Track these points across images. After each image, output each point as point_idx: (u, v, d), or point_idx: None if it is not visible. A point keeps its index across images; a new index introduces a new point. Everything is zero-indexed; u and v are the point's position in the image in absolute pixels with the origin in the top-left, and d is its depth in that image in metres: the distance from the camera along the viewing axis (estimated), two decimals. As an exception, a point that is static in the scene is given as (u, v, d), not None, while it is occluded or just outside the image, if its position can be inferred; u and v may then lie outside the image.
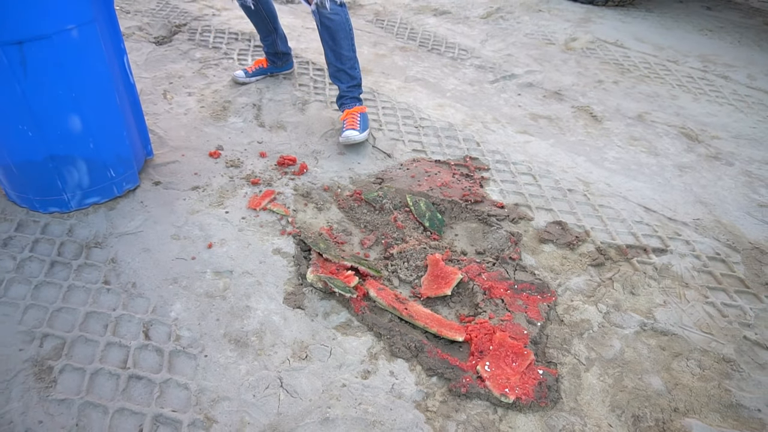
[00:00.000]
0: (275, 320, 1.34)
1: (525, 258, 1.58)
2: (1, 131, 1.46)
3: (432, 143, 2.11)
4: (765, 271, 1.56)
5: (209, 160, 1.94)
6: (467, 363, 1.26)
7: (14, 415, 1.11)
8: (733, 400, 1.21)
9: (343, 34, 1.94)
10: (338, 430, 1.11)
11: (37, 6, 1.30)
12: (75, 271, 1.45)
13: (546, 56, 2.92)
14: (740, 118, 2.36)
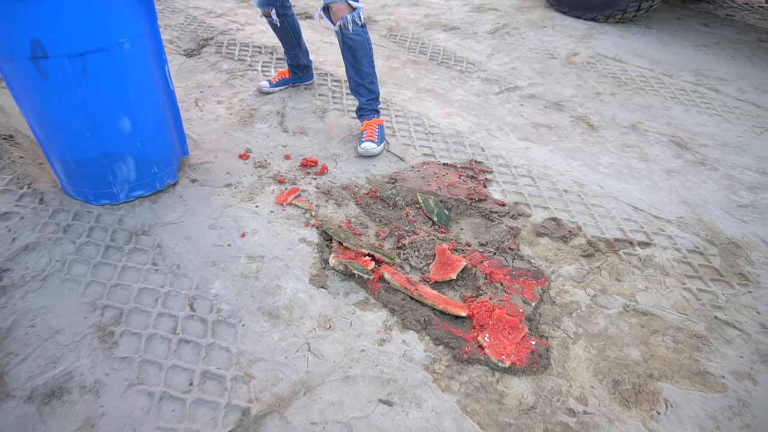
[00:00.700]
0: (302, 297, 1.54)
1: (523, 249, 1.77)
2: (63, 132, 1.68)
3: (440, 148, 2.31)
4: (738, 262, 1.74)
5: (239, 161, 2.15)
6: (469, 335, 1.45)
7: (84, 369, 1.31)
8: (701, 368, 1.38)
9: (363, 53, 2.15)
10: (358, 385, 1.30)
11: (98, 23, 1.52)
12: (127, 254, 1.66)
13: (548, 70, 3.12)
14: (727, 128, 2.54)
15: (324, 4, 2.02)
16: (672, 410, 1.28)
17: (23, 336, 1.39)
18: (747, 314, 1.55)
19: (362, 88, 2.24)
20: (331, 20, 2.06)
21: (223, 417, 1.22)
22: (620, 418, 1.26)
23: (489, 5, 4.25)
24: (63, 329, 1.41)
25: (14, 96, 1.66)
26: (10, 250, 1.64)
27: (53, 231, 1.73)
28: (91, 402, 1.24)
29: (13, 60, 1.51)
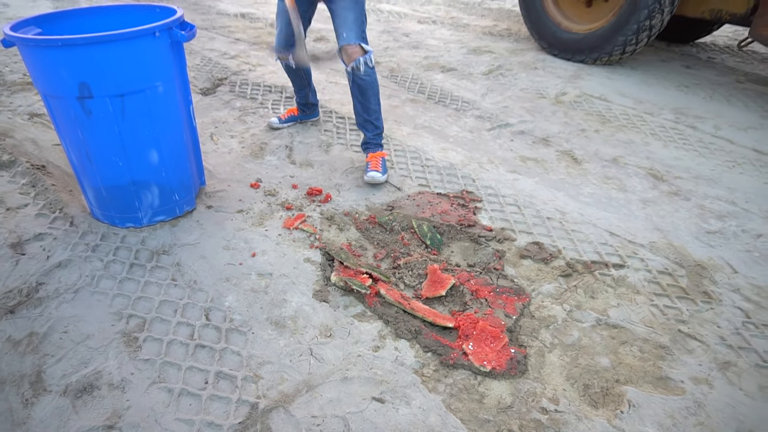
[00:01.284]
0: (306, 309, 1.71)
1: (507, 269, 1.95)
2: (99, 161, 1.90)
3: (435, 179, 2.52)
4: (704, 282, 1.90)
5: (251, 190, 2.36)
6: (455, 343, 1.61)
7: (112, 368, 1.48)
8: (663, 374, 1.54)
9: (371, 92, 2.38)
10: (354, 385, 1.46)
11: (138, 69, 1.76)
12: (149, 271, 1.85)
13: (538, 108, 3.35)
14: (702, 162, 2.74)
15: (339, 46, 2.26)
16: (635, 410, 1.43)
17: (58, 340, 1.57)
18: (708, 328, 1.71)
19: (369, 124, 2.46)
20: (344, 61, 2.30)
21: (234, 410, 1.38)
22: (588, 416, 1.42)
23: (485, 48, 4.54)
24: (93, 335, 1.59)
25: (57, 129, 1.89)
26: (45, 267, 1.83)
27: (83, 250, 1.92)
28: (118, 397, 1.41)
29: (61, 99, 1.74)
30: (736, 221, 2.26)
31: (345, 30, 2.23)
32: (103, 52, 1.67)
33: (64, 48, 1.63)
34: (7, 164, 2.46)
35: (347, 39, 2.23)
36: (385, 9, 5.94)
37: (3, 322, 1.61)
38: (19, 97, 3.24)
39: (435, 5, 6.24)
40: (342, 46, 2.26)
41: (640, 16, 3.69)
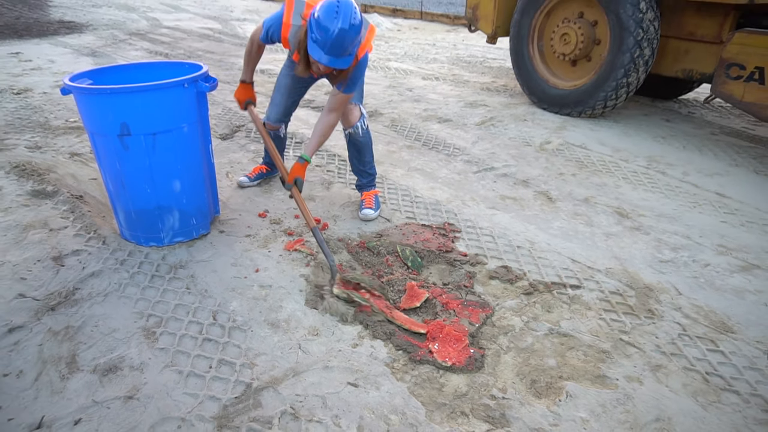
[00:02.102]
0: (298, 314, 2.01)
1: (476, 287, 2.23)
2: (131, 188, 2.26)
3: (421, 213, 2.84)
4: (650, 301, 2.16)
5: (258, 219, 2.70)
6: (423, 344, 1.88)
7: (133, 354, 1.78)
8: (601, 373, 1.78)
9: (366, 149, 2.74)
10: (333, 373, 1.74)
11: (169, 112, 2.15)
12: (167, 281, 2.17)
13: (522, 155, 3.70)
14: (666, 203, 3.02)
15: None
16: (571, 399, 1.68)
17: (89, 332, 1.87)
18: (647, 338, 1.96)
19: (363, 172, 2.81)
20: (343, 124, 2.62)
21: (232, 388, 1.66)
22: (531, 403, 1.66)
23: (481, 102, 4.95)
24: (118, 329, 1.89)
25: (99, 161, 2.27)
26: (80, 276, 2.17)
27: (113, 263, 2.26)
28: (137, 375, 1.70)
29: (105, 136, 2.12)
30: (688, 252, 2.53)
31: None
32: (142, 98, 2.06)
33: (111, 95, 2.03)
34: (51, 194, 2.85)
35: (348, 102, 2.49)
36: (392, 66, 6.46)
37: (45, 317, 1.93)
38: (61, 140, 3.69)
39: (439, 63, 6.75)
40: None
41: (618, 74, 4.07)
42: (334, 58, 2.05)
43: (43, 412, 1.56)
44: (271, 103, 2.76)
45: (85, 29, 8.98)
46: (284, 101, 2.71)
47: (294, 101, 2.76)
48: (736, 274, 2.37)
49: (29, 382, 1.66)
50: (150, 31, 8.96)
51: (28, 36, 8.19)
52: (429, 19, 11.13)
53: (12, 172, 3.12)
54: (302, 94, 2.77)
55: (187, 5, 13.09)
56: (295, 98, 2.75)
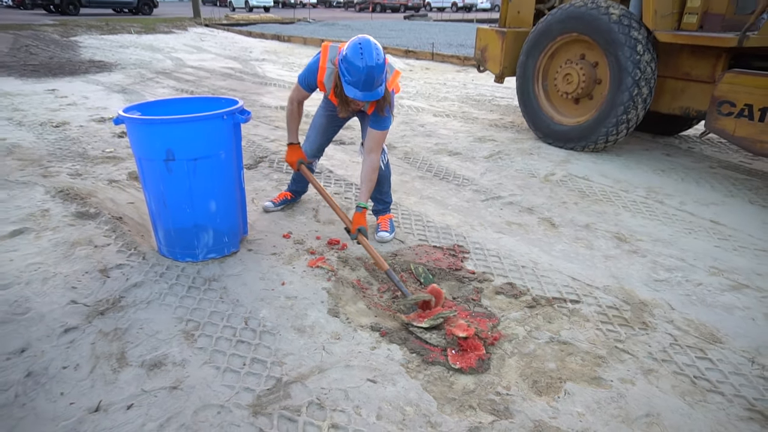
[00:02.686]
0: (321, 321, 2.21)
1: (483, 301, 2.42)
2: (172, 208, 2.51)
3: (433, 236, 3.06)
4: (644, 315, 2.34)
5: (283, 240, 2.94)
6: (435, 348, 2.07)
7: (175, 353, 1.99)
8: (597, 375, 1.96)
9: (385, 181, 2.99)
10: (354, 371, 1.93)
11: (208, 141, 2.42)
12: (203, 292, 2.39)
13: (527, 185, 3.93)
14: (663, 229, 3.22)
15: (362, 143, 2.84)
16: (569, 396, 1.85)
17: (135, 333, 2.09)
18: (640, 347, 2.13)
19: (380, 200, 3.07)
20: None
21: (264, 382, 1.86)
22: (532, 399, 1.84)
23: (489, 137, 5.23)
24: (161, 331, 2.11)
25: (143, 182, 2.54)
26: (125, 286, 2.40)
27: (153, 276, 2.50)
28: (179, 370, 1.91)
29: (152, 161, 2.39)
30: (682, 273, 2.71)
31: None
32: (186, 128, 2.34)
33: (161, 125, 2.31)
34: (94, 215, 3.11)
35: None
36: (405, 104, 6.80)
37: (95, 320, 2.16)
38: (99, 168, 3.99)
39: (450, 101, 7.09)
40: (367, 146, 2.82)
41: (618, 111, 4.33)
42: (369, 93, 2.35)
43: (99, 398, 1.77)
44: (306, 140, 3.04)
45: (114, 68, 9.50)
46: (318, 139, 3.00)
47: (327, 138, 3.04)
48: (727, 292, 2.55)
49: (85, 373, 1.88)
50: (175, 70, 9.45)
51: (62, 74, 8.70)
52: (440, 59, 11.60)
53: (57, 196, 3.40)
54: (336, 132, 3.06)
55: (209, 46, 13.74)
56: (329, 136, 3.03)
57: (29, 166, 4.01)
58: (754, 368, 2.02)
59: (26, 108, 6.04)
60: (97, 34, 15.21)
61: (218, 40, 15.60)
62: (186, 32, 17.16)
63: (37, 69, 9.13)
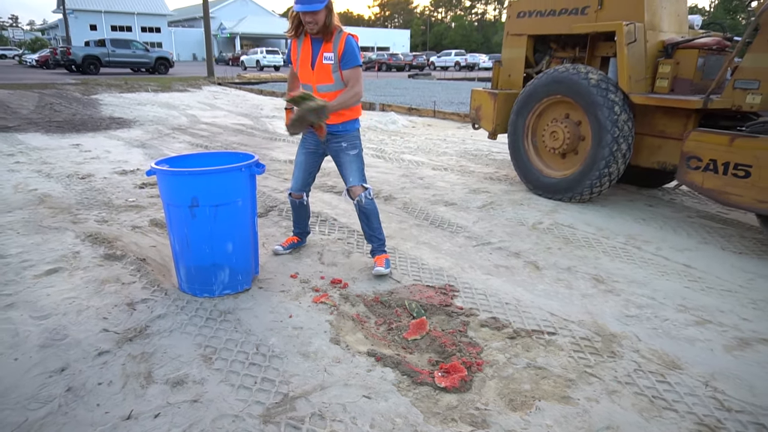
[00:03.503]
0: (324, 348, 2.50)
1: (469, 332, 2.70)
2: (194, 248, 2.85)
3: (426, 277, 3.36)
4: (613, 345, 2.60)
5: (290, 279, 3.25)
6: (424, 371, 2.35)
7: (195, 373, 2.27)
8: (566, 395, 2.22)
9: (373, 216, 3.34)
10: (351, 389, 2.20)
11: (229, 190, 2.78)
12: (219, 323, 2.69)
13: (516, 232, 4.25)
14: (638, 272, 3.51)
15: (347, 187, 3.27)
16: (539, 412, 2.11)
17: (160, 356, 2.38)
18: (607, 371, 2.39)
19: (374, 237, 3.40)
20: (351, 197, 3.28)
21: (273, 397, 2.13)
22: (507, 413, 2.10)
23: (483, 189, 5.60)
24: (182, 355, 2.40)
25: (169, 225, 2.89)
26: (150, 317, 2.71)
27: (174, 309, 2.80)
28: (199, 387, 2.18)
29: (178, 207, 2.75)
30: (651, 310, 2.99)
31: (350, 176, 3.22)
32: (210, 179, 2.71)
33: (188, 176, 2.69)
34: (120, 257, 3.45)
35: (352, 182, 3.22)
36: (406, 158, 7.24)
37: (125, 346, 2.45)
38: (123, 215, 4.37)
39: (448, 156, 7.53)
40: (349, 187, 3.26)
41: (600, 165, 4.71)
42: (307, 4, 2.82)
43: (131, 409, 2.04)
44: (293, 177, 3.46)
45: (133, 124, 10.11)
46: (302, 175, 3.40)
47: (310, 173, 3.42)
48: (691, 327, 2.81)
49: (117, 389, 2.16)
50: (190, 127, 10.04)
51: (85, 130, 9.28)
52: (441, 117, 12.21)
53: (86, 240, 3.76)
54: (316, 167, 3.44)
55: (222, 104, 14.49)
56: (311, 170, 3.41)
57: (60, 213, 4.39)
58: (707, 390, 2.27)
59: (53, 161, 6.51)
60: (117, 93, 16.05)
61: (231, 97, 16.43)
62: (200, 90, 18.07)
63: (62, 125, 9.74)
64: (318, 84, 3.10)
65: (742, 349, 2.61)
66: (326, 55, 3.01)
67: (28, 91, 15.05)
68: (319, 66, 3.04)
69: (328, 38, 2.98)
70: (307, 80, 3.14)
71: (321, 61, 3.02)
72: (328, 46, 3.00)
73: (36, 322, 2.65)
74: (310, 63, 3.07)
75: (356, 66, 3.04)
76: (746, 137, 3.69)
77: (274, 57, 36.85)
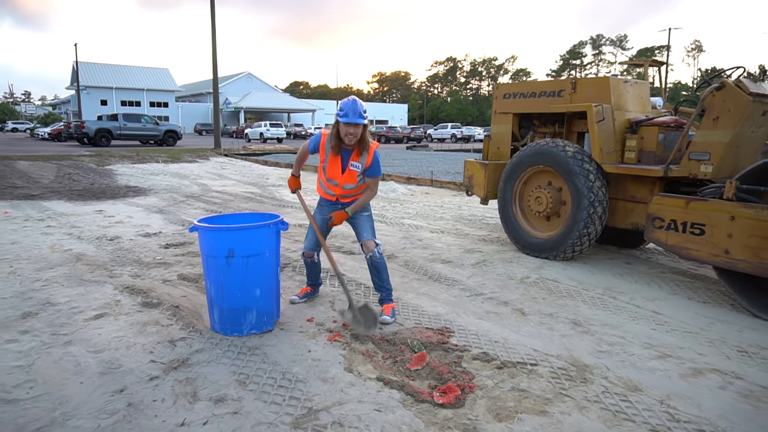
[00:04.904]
0: (339, 375, 2.95)
1: (463, 364, 3.15)
2: (227, 293, 3.35)
3: (426, 321, 3.84)
4: (585, 374, 3.05)
5: (307, 322, 3.73)
6: (426, 392, 2.79)
7: (233, 393, 2.72)
8: (543, 410, 2.65)
9: (383, 269, 3.88)
10: (365, 405, 2.64)
11: (259, 243, 3.33)
12: (248, 356, 3.15)
13: (506, 285, 4.76)
14: (612, 317, 3.99)
15: (361, 242, 3.82)
16: (521, 422, 2.54)
17: (202, 381, 2.83)
18: (579, 393, 2.84)
19: (383, 288, 3.91)
20: (364, 251, 3.83)
21: (299, 410, 2.57)
22: (493, 423, 2.53)
23: (477, 249, 6.15)
24: (220, 380, 2.85)
25: (206, 273, 3.40)
26: (189, 351, 3.17)
27: (210, 345, 3.27)
28: (237, 403, 2.62)
29: (215, 257, 3.29)
30: (621, 347, 3.45)
31: (364, 232, 3.81)
32: (245, 234, 3.27)
33: (227, 231, 3.24)
34: (156, 305, 3.94)
35: (366, 237, 3.80)
36: (406, 223, 7.83)
37: (171, 373, 2.90)
38: (153, 271, 4.88)
39: (445, 220, 8.13)
40: (363, 242, 3.82)
41: (580, 226, 5.29)
42: (355, 118, 3.45)
43: (183, 418, 2.48)
44: (306, 238, 3.99)
45: (148, 192, 10.78)
46: (314, 237, 3.93)
47: (324, 235, 3.96)
48: (653, 360, 3.27)
49: (170, 404, 2.60)
50: (202, 195, 10.71)
51: (105, 198, 9.92)
52: (438, 185, 12.95)
53: (124, 291, 4.25)
54: (328, 231, 3.99)
55: (230, 174, 15.29)
56: (323, 233, 3.95)
57: (96, 269, 4.90)
58: (662, 407, 2.72)
59: (81, 225, 7.08)
60: (129, 163, 16.93)
61: (237, 168, 17.29)
62: (208, 161, 19.00)
63: (82, 193, 10.40)
64: (344, 184, 3.78)
65: (696, 377, 3.06)
66: (353, 163, 3.71)
67: (46, 162, 15.91)
68: (348, 171, 3.73)
69: (358, 149, 3.67)
70: (334, 177, 3.76)
71: (349, 167, 3.72)
72: (355, 155, 3.70)
73: (93, 355, 3.11)
74: (340, 168, 3.73)
75: (378, 175, 3.79)
76: (699, 200, 4.29)
77: (278, 130, 38.53)
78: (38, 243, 5.95)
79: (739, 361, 3.28)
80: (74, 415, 2.50)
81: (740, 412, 2.68)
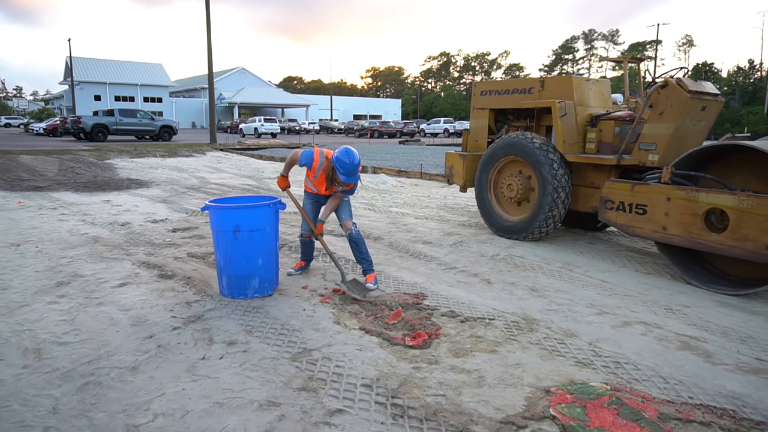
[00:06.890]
0: (329, 326, 3.57)
1: (432, 319, 3.79)
2: (234, 262, 3.96)
3: (404, 288, 4.47)
4: (533, 325, 3.69)
5: (302, 290, 4.35)
6: (398, 337, 3.42)
7: (242, 338, 3.34)
8: (493, 349, 3.29)
9: (362, 243, 4.50)
10: (349, 345, 3.27)
11: (266, 220, 3.94)
12: (253, 313, 3.77)
13: (478, 261, 5.39)
14: (564, 285, 4.62)
15: (340, 222, 4.45)
16: (473, 357, 3.18)
17: (216, 330, 3.45)
18: (524, 338, 3.47)
19: (363, 260, 4.53)
20: (343, 229, 4.45)
21: (296, 349, 3.19)
22: (451, 358, 3.16)
23: (456, 232, 6.78)
24: (231, 329, 3.47)
25: (216, 245, 4.02)
26: (203, 310, 3.78)
27: (220, 305, 3.88)
28: (246, 345, 3.24)
29: (224, 232, 3.90)
30: (567, 307, 4.09)
31: (343, 215, 4.44)
32: (249, 212, 3.88)
33: (234, 210, 3.86)
34: (171, 276, 4.55)
35: (344, 218, 4.43)
36: (393, 210, 8.46)
37: (190, 325, 3.52)
38: (164, 250, 5.49)
39: (430, 209, 8.76)
40: (342, 222, 4.44)
41: (545, 210, 5.93)
42: (353, 177, 4.07)
43: (203, 353, 3.10)
44: (303, 224, 4.61)
45: (150, 185, 11.33)
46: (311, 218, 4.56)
47: (314, 217, 4.59)
48: (592, 316, 3.92)
49: (191, 346, 3.22)
50: (202, 187, 11.27)
51: (109, 189, 10.47)
52: (427, 178, 13.56)
53: (141, 266, 4.86)
54: (318, 212, 4.62)
55: (226, 167, 15.83)
56: (315, 215, 4.58)
57: (114, 249, 5.50)
58: (590, 347, 3.36)
59: (92, 213, 7.66)
60: (128, 158, 17.43)
61: (233, 162, 17.84)
62: (204, 156, 19.52)
63: (87, 185, 10.95)
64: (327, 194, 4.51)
65: (624, 327, 3.71)
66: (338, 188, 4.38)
67: (48, 157, 16.39)
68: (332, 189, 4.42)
69: None
70: (319, 189, 4.45)
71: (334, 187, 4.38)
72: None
73: (123, 312, 3.72)
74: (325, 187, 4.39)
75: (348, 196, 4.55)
76: (642, 185, 4.94)
77: (272, 125, 39.01)
78: (56, 228, 6.53)
79: (664, 315, 3.93)
80: (115, 353, 3.11)
81: (652, 350, 3.33)
